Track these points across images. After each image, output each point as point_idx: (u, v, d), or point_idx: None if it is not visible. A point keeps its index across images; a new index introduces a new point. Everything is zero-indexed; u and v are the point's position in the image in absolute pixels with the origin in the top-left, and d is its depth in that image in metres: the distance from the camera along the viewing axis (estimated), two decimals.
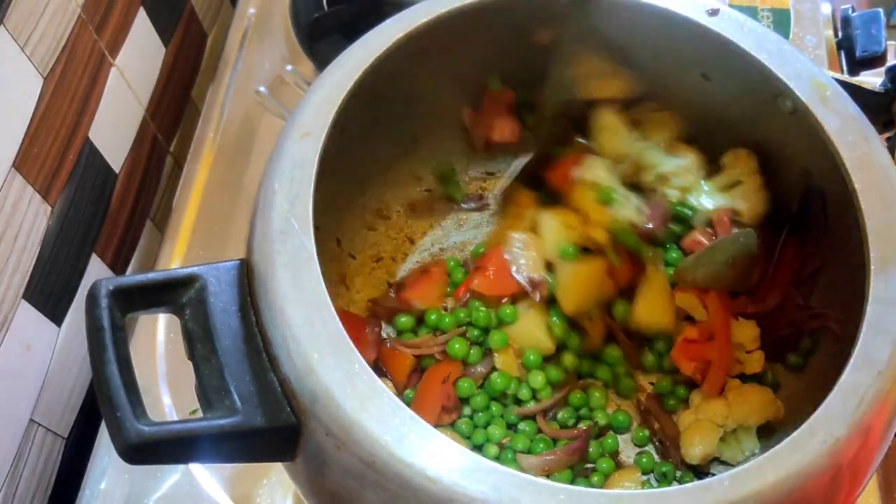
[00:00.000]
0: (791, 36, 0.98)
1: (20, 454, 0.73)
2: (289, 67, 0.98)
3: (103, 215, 0.86)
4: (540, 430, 0.72)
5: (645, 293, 0.72)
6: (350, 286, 0.78)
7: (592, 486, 0.69)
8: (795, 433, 0.49)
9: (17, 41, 0.69)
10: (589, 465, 0.71)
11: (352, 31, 0.68)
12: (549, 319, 0.73)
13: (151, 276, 0.53)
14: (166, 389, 0.77)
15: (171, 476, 0.74)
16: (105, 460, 0.75)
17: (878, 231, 0.57)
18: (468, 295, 0.75)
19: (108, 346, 0.49)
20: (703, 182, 0.75)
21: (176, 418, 0.76)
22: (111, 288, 0.51)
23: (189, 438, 0.48)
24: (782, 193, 0.74)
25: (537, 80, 0.78)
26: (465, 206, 0.84)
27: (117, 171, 0.87)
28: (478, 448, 0.71)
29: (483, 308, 0.73)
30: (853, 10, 0.93)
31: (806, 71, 0.64)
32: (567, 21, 0.72)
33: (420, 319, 0.76)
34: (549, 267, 0.73)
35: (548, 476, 0.68)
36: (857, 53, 0.90)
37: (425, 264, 0.80)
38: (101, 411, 0.50)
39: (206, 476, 0.74)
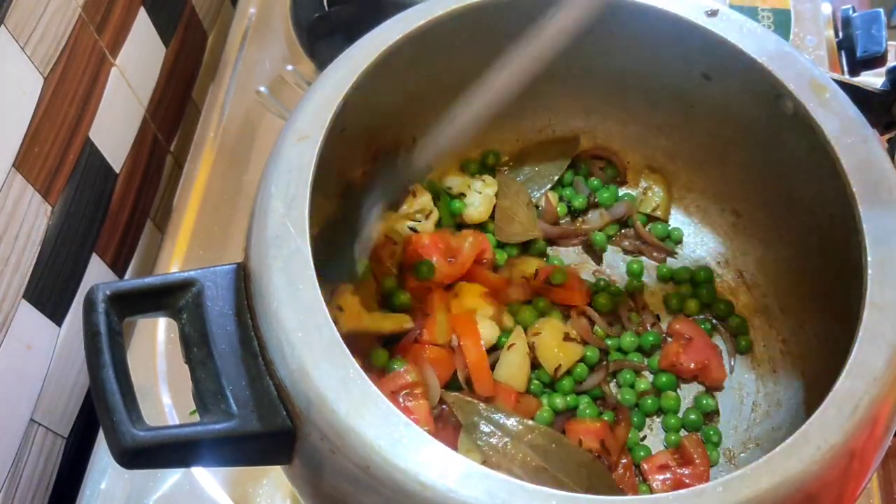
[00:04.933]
0: (791, 36, 0.98)
1: (20, 454, 0.74)
2: (289, 67, 0.98)
3: (103, 215, 0.86)
4: None
5: None
6: None
7: None
8: (790, 439, 0.49)
9: (18, 41, 0.69)
10: None
11: (352, 31, 0.68)
12: None
13: (148, 280, 0.53)
14: (166, 390, 0.78)
15: (171, 476, 0.74)
16: (105, 460, 0.75)
17: (876, 235, 0.56)
18: None
19: (105, 350, 0.49)
20: None
21: (176, 419, 0.76)
22: (108, 293, 0.51)
23: (185, 443, 0.49)
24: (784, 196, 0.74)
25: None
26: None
27: (118, 170, 0.88)
28: None
29: None
30: (854, 11, 0.93)
31: (806, 73, 0.64)
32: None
33: None
34: None
35: None
36: (858, 54, 0.89)
37: None
38: (97, 416, 0.50)
39: (206, 476, 0.74)
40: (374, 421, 0.48)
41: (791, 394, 0.73)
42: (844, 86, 0.64)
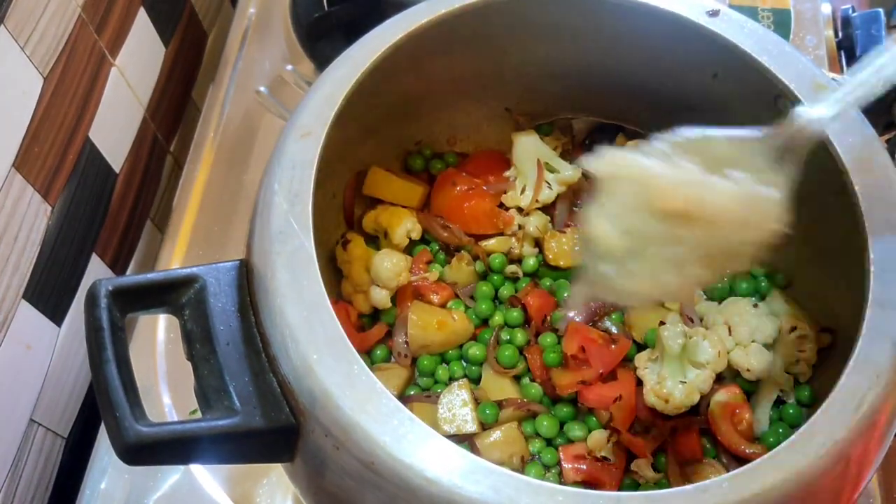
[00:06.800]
0: (791, 36, 0.98)
1: (20, 454, 0.73)
2: (289, 67, 0.98)
3: (103, 215, 0.86)
4: None
5: None
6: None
7: None
8: (795, 435, 0.49)
9: (17, 41, 0.69)
10: None
11: (352, 31, 0.68)
12: None
13: (151, 276, 0.53)
14: (166, 390, 0.77)
15: (171, 476, 0.74)
16: (105, 460, 0.75)
17: (879, 233, 0.56)
18: None
19: (108, 346, 0.49)
20: None
21: (176, 419, 0.76)
22: (111, 288, 0.51)
23: (188, 439, 0.48)
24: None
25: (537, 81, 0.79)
26: None
27: (117, 170, 0.87)
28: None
29: None
30: (853, 11, 0.93)
31: (807, 72, 0.64)
32: (564, 20, 0.72)
33: None
34: None
35: None
36: (858, 54, 0.90)
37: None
38: (99, 412, 0.50)
39: (206, 476, 0.74)
40: (379, 416, 0.48)
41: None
42: None
